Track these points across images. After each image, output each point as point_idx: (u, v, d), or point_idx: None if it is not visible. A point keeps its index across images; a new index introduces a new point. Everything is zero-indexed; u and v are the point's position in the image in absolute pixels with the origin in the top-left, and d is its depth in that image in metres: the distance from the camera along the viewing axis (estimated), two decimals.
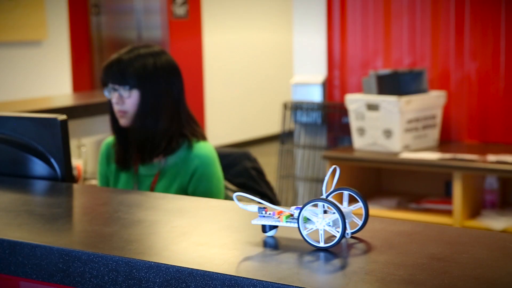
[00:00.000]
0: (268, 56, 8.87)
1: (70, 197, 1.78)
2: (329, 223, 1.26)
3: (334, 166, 1.36)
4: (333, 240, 1.25)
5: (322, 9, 4.57)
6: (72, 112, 3.80)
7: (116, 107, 2.37)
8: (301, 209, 1.27)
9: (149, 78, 2.35)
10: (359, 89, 4.43)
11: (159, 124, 2.36)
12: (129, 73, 2.34)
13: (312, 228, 1.27)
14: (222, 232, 1.39)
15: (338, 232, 1.25)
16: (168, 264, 1.20)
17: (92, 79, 7.53)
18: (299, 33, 4.70)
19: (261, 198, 2.65)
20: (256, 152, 3.36)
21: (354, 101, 4.11)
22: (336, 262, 1.22)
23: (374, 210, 4.08)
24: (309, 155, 4.64)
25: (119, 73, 2.34)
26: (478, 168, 3.71)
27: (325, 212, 1.30)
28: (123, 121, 2.38)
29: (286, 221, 1.31)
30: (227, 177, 2.65)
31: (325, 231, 1.27)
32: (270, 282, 1.11)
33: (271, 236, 1.35)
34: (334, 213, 1.27)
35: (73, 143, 4.14)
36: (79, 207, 1.70)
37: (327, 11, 4.55)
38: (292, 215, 1.31)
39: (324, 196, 1.33)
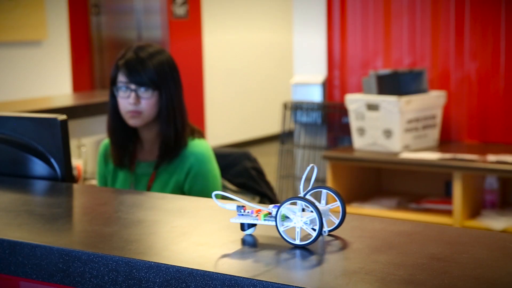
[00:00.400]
0: (268, 56, 8.87)
1: (70, 197, 1.78)
2: (306, 221, 1.27)
3: (311, 165, 1.38)
4: (310, 238, 1.26)
5: (322, 9, 4.57)
6: (72, 112, 3.80)
7: (129, 107, 2.33)
8: (279, 207, 1.29)
9: (168, 78, 2.35)
10: (359, 89, 4.43)
11: (181, 122, 2.36)
12: (151, 74, 2.31)
13: (288, 226, 1.28)
14: (222, 232, 1.39)
15: (315, 230, 1.26)
16: (168, 264, 1.20)
17: (92, 79, 7.53)
18: (299, 33, 4.70)
19: (261, 198, 2.65)
20: (256, 152, 3.36)
21: (354, 101, 4.11)
22: (330, 261, 1.22)
23: (374, 210, 4.08)
24: (309, 155, 4.64)
25: (142, 74, 2.31)
26: (478, 168, 3.71)
27: (303, 210, 1.30)
28: (134, 121, 2.35)
29: (264, 219, 1.32)
30: (227, 177, 2.64)
31: (302, 229, 1.28)
32: (270, 282, 1.11)
33: (250, 235, 1.35)
34: (311, 211, 1.28)
35: (73, 143, 4.14)
36: (79, 207, 1.70)
37: (327, 11, 4.55)
38: (270, 213, 1.32)
39: (301, 195, 1.34)
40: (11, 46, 6.39)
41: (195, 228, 1.42)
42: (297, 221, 1.28)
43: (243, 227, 1.35)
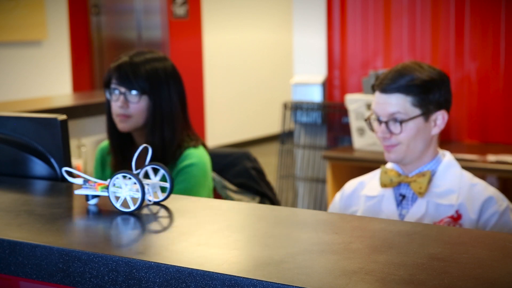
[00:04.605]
0: (268, 56, 8.87)
1: (70, 197, 1.78)
2: (131, 194, 1.52)
3: (144, 145, 1.66)
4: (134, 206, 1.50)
5: (322, 9, 4.57)
6: (72, 112, 3.80)
7: (118, 110, 2.32)
8: (111, 180, 1.53)
9: (160, 85, 2.32)
10: (359, 89, 4.43)
11: (170, 132, 2.34)
12: (141, 78, 2.29)
13: (116, 194, 1.53)
14: (222, 232, 1.39)
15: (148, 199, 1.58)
16: (168, 264, 1.20)
17: (92, 79, 7.53)
18: (299, 33, 4.70)
19: (261, 198, 2.65)
20: (256, 152, 3.36)
21: (354, 101, 4.11)
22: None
23: None
24: (309, 155, 4.64)
25: (131, 76, 2.30)
26: (478, 168, 3.70)
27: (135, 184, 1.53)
28: (123, 126, 2.34)
29: (101, 190, 1.56)
30: (227, 177, 2.64)
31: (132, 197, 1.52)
32: (270, 282, 1.11)
33: (94, 205, 1.48)
34: (147, 184, 1.56)
35: (73, 143, 4.14)
36: (79, 207, 1.70)
37: (327, 11, 4.55)
38: (107, 185, 1.55)
39: (134, 172, 1.58)
40: (11, 46, 6.39)
41: (195, 228, 1.42)
42: (125, 191, 1.52)
43: (87, 198, 1.59)
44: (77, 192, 1.59)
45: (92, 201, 1.59)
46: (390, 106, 2.09)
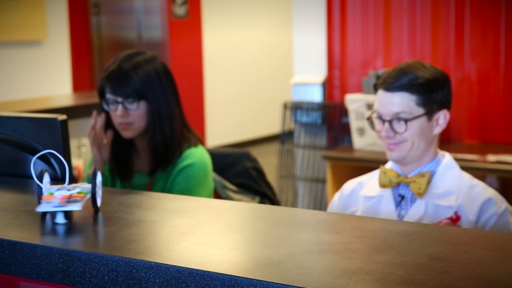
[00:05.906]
0: (268, 56, 8.87)
1: None
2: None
3: (46, 151, 1.66)
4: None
5: (322, 9, 4.57)
6: (72, 112, 3.80)
7: (119, 120, 2.31)
8: (94, 187, 1.51)
9: (154, 87, 2.32)
10: (359, 89, 4.43)
11: (170, 130, 2.33)
12: (135, 85, 2.29)
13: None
14: (222, 232, 1.39)
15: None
16: (168, 264, 1.20)
17: (92, 79, 7.53)
18: (299, 33, 4.70)
19: (261, 198, 2.65)
20: (256, 152, 3.36)
21: (354, 101, 4.11)
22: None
23: None
24: (309, 155, 4.64)
25: (125, 85, 2.29)
26: (478, 168, 3.70)
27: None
28: (127, 133, 2.33)
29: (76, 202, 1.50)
30: (227, 177, 2.64)
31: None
32: (270, 282, 1.11)
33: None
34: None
35: (73, 143, 4.14)
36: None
37: (327, 11, 4.55)
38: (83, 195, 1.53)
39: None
40: (11, 46, 6.39)
41: (195, 228, 1.42)
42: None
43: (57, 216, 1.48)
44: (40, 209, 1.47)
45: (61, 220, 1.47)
46: (394, 106, 2.07)
